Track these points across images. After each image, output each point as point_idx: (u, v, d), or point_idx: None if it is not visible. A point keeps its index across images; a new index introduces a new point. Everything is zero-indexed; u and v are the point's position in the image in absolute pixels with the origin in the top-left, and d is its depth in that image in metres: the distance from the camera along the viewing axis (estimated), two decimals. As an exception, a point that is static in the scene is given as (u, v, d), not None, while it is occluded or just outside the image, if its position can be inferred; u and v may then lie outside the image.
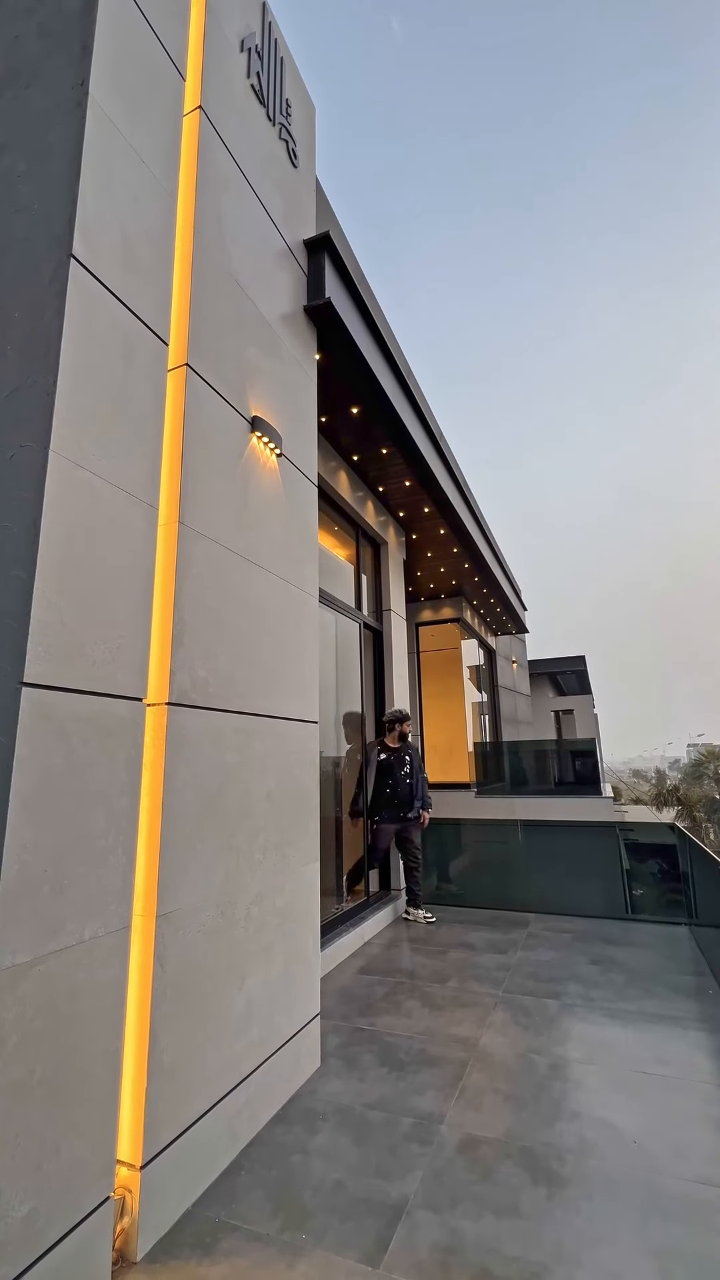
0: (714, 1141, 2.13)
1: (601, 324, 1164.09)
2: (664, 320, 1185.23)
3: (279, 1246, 1.70)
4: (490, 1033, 2.99)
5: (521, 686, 14.41)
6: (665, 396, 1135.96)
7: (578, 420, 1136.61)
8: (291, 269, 3.35)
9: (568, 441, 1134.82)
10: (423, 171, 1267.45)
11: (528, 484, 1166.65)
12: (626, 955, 4.16)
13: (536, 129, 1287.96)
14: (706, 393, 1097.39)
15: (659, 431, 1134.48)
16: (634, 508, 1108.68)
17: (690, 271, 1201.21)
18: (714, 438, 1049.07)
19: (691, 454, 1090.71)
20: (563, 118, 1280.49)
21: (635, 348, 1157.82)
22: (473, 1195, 1.88)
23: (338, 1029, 3.07)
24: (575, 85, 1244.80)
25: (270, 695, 2.62)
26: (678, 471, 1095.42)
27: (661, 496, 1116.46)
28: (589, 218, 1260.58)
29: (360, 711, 5.48)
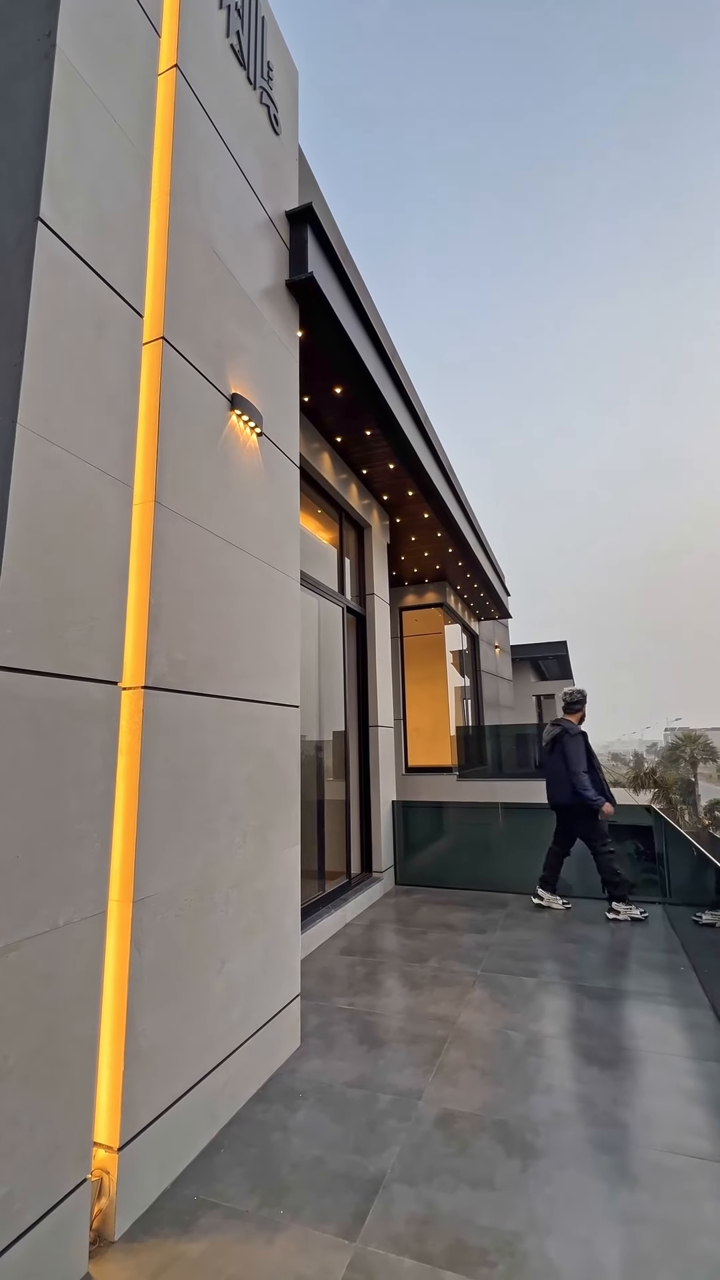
0: (683, 1112, 2.20)
1: (591, 314, 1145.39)
2: (653, 310, 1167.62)
3: (257, 1222, 1.72)
4: (468, 1010, 3.04)
5: (504, 671, 14.52)
6: (652, 385, 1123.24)
7: (567, 408, 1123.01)
8: (273, 241, 3.26)
9: (556, 429, 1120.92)
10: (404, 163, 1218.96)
11: (514, 469, 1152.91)
12: (602, 934, 4.25)
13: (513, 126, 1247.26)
14: (692, 383, 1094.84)
15: (644, 421, 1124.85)
16: (615, 498, 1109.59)
17: (683, 263, 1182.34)
18: (700, 429, 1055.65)
19: (676, 445, 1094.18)
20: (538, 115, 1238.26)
21: (625, 337, 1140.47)
22: (449, 1168, 1.92)
23: (319, 1009, 3.10)
24: (565, 79, 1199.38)
25: (250, 679, 2.59)
26: (660, 463, 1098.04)
27: (643, 488, 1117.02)
28: (581, 208, 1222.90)
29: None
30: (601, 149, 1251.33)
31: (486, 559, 9.76)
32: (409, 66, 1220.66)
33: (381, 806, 5.64)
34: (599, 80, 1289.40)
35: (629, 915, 4.52)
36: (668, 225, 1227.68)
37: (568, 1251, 1.61)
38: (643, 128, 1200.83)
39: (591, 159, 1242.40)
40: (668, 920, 4.54)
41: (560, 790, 4.85)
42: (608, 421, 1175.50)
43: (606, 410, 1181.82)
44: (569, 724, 4.97)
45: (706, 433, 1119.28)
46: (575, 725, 4.97)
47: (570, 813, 4.83)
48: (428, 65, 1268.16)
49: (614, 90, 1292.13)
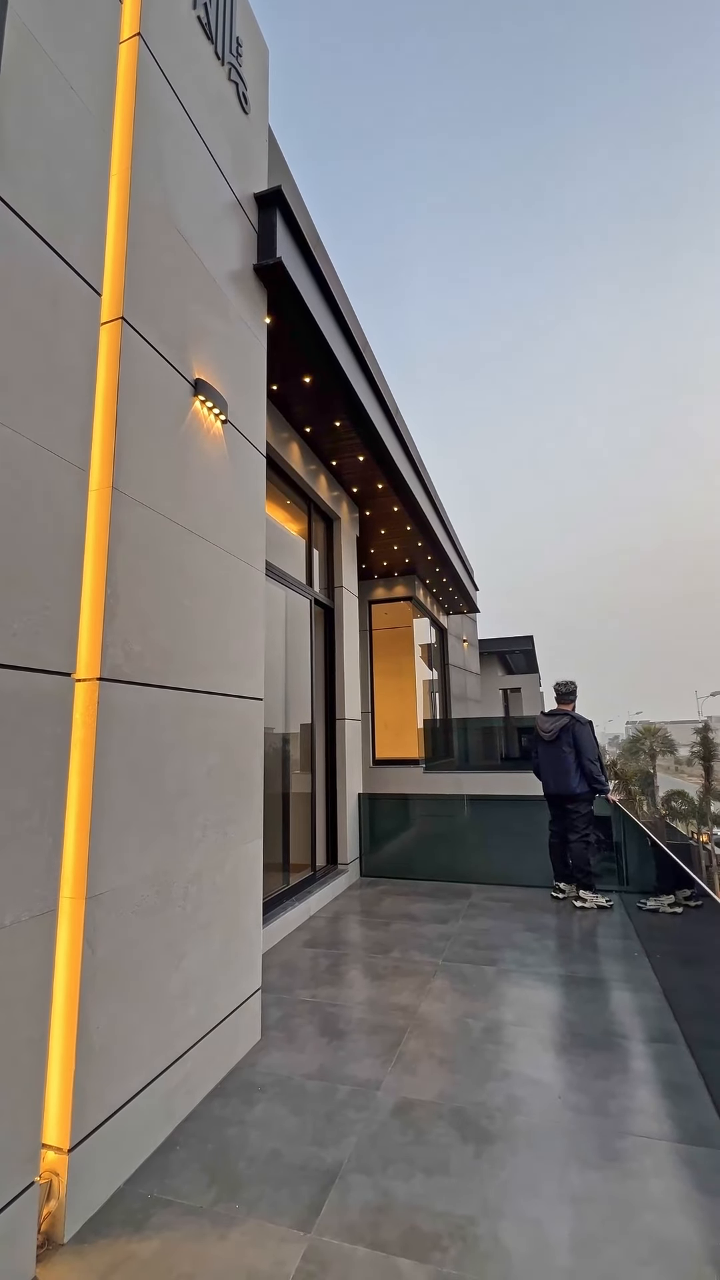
0: (631, 1093, 2.27)
1: (566, 313, 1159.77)
2: (631, 309, 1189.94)
3: (211, 1218, 1.71)
4: (429, 1000, 3.08)
5: (471, 665, 14.70)
6: (621, 385, 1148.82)
7: (538, 408, 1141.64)
8: (241, 224, 3.19)
9: (527, 426, 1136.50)
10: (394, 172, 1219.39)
11: (484, 465, 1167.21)
12: (561, 922, 4.35)
13: (452, 138, 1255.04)
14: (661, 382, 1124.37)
15: (613, 422, 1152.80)
16: (582, 496, 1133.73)
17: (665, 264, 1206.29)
18: (668, 430, 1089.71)
19: (645, 446, 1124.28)
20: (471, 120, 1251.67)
21: (604, 334, 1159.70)
22: (405, 1156, 1.94)
23: (280, 1001, 3.10)
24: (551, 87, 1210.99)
25: (212, 671, 2.55)
26: (629, 464, 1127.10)
27: (612, 486, 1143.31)
28: (560, 209, 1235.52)
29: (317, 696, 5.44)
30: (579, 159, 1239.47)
31: (456, 554, 9.83)
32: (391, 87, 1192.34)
33: (347, 799, 5.65)
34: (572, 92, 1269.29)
35: (595, 903, 4.63)
36: (646, 229, 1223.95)
37: (519, 1233, 1.64)
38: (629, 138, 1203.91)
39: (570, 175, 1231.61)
40: (624, 907, 4.68)
41: (567, 780, 4.75)
42: (574, 425, 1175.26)
43: (572, 413, 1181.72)
44: (578, 714, 4.94)
45: (672, 435, 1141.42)
46: (583, 715, 4.97)
47: (572, 801, 4.78)
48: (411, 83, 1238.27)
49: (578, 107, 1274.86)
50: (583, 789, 4.73)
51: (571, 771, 4.76)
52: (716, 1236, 1.62)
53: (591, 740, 4.81)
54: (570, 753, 4.78)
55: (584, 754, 4.75)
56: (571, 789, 4.76)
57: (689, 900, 2.90)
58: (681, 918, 3.10)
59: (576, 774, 4.75)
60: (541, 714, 5.18)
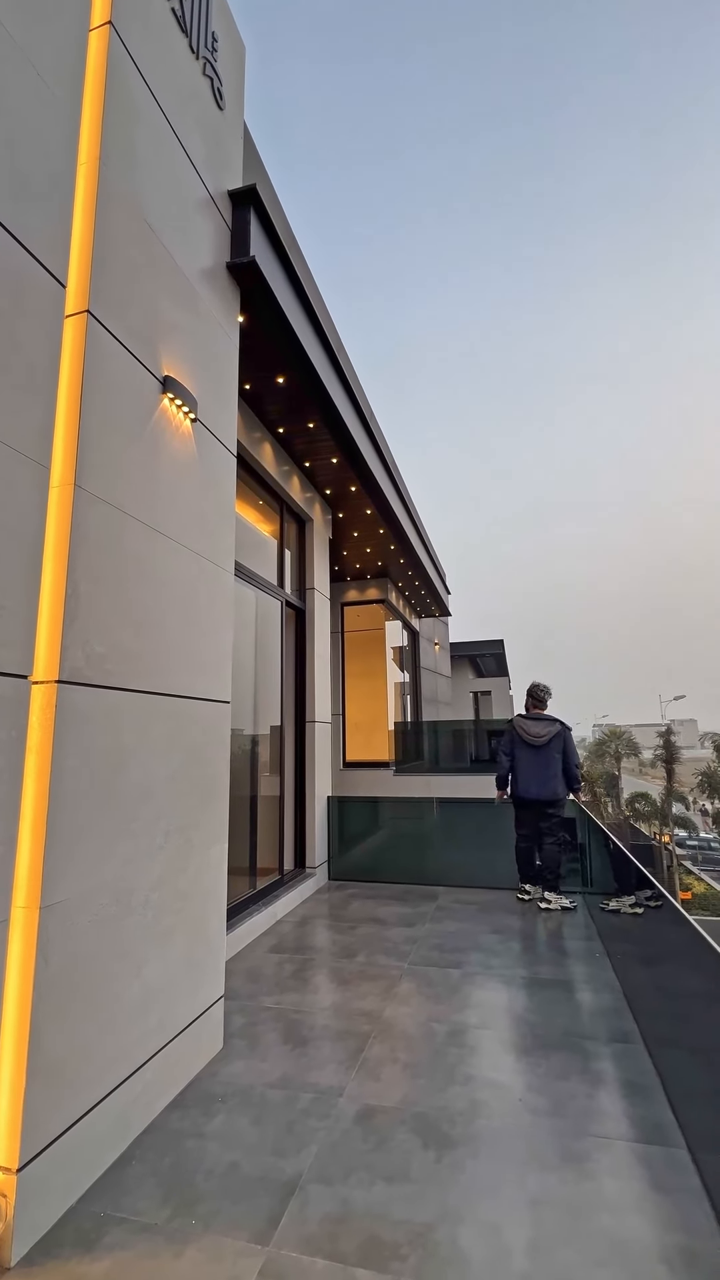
0: (589, 1093, 2.30)
1: (541, 315, 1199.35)
2: (601, 312, 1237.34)
3: (167, 1235, 1.67)
4: (394, 1004, 3.08)
5: (443, 668, 14.80)
6: (591, 390, 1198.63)
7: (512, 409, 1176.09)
8: (214, 221, 3.15)
9: (504, 428, 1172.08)
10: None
11: (456, 469, 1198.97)
12: (525, 924, 4.41)
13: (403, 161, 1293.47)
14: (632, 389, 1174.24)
15: (585, 427, 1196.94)
16: (553, 503, 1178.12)
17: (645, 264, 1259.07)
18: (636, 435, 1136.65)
19: (613, 453, 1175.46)
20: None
21: (570, 338, 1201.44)
22: (366, 1164, 1.93)
23: (244, 1009, 3.06)
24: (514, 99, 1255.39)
25: (177, 673, 2.50)
26: (598, 469, 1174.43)
27: (581, 493, 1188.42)
28: (515, 213, 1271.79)
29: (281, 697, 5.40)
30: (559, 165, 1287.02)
31: (428, 557, 9.89)
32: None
33: (316, 802, 5.62)
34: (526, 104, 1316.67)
35: (559, 905, 4.70)
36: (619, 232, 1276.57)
37: (477, 1238, 1.65)
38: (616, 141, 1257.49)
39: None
40: (587, 908, 4.76)
41: (554, 785, 4.85)
42: (541, 430, 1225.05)
43: (544, 415, 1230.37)
44: (561, 720, 5.05)
45: (638, 441, 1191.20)
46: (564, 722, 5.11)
47: (553, 805, 4.88)
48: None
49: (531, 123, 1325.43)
50: (564, 793, 4.87)
51: (559, 776, 4.88)
52: (669, 1234, 1.65)
53: (574, 747, 5.01)
54: (559, 758, 4.90)
55: (571, 759, 4.93)
56: (557, 793, 4.88)
57: (649, 901, 2.97)
58: (641, 919, 3.16)
59: (561, 778, 4.87)
60: (522, 717, 5.11)
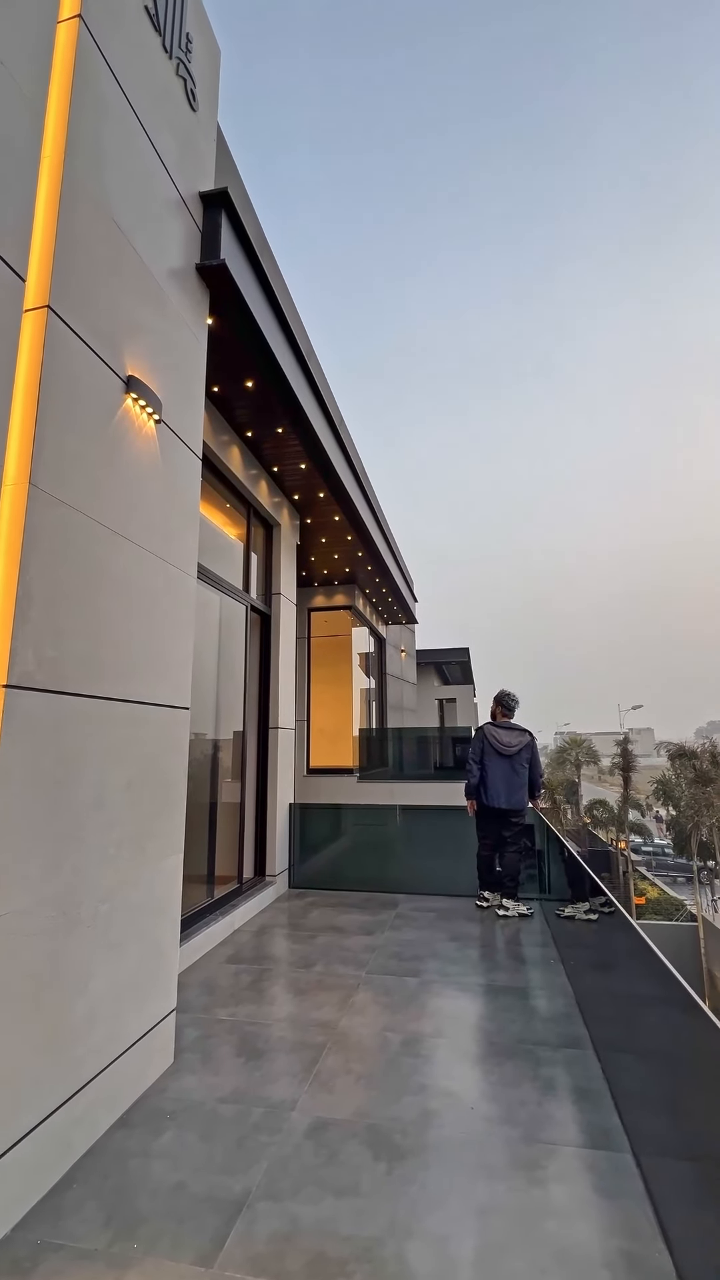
0: (539, 1100, 2.33)
1: (500, 323, 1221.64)
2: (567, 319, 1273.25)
3: (107, 1260, 1.62)
4: (350, 1014, 3.06)
5: (408, 675, 14.89)
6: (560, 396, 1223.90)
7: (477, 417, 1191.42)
8: (184, 222, 3.12)
9: (470, 439, 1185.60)
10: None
11: (426, 477, 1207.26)
12: (483, 931, 4.45)
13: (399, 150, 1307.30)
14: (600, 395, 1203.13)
15: (551, 435, 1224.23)
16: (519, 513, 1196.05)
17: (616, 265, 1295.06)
18: (603, 443, 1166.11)
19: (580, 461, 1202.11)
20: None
21: (531, 345, 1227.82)
22: (316, 1179, 1.91)
23: (197, 1021, 3.00)
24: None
25: (135, 679, 2.45)
26: (565, 479, 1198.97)
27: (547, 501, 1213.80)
28: (486, 219, 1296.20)
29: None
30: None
31: (396, 565, 9.95)
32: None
33: (278, 809, 5.57)
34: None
35: (517, 911, 4.76)
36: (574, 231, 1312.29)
37: (424, 1251, 1.64)
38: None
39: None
40: (544, 916, 4.83)
41: (521, 794, 4.93)
42: (510, 437, 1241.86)
43: (510, 424, 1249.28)
44: (529, 730, 5.11)
45: (605, 449, 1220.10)
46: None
47: (517, 815, 4.94)
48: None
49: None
50: (527, 802, 4.97)
51: (525, 786, 4.97)
52: (611, 1239, 1.68)
53: (539, 755, 5.13)
54: (526, 768, 4.98)
55: (537, 769, 5.06)
56: (523, 803, 4.97)
57: (603, 907, 3.03)
58: (594, 925, 3.23)
59: (526, 788, 4.97)
60: (492, 725, 5.12)
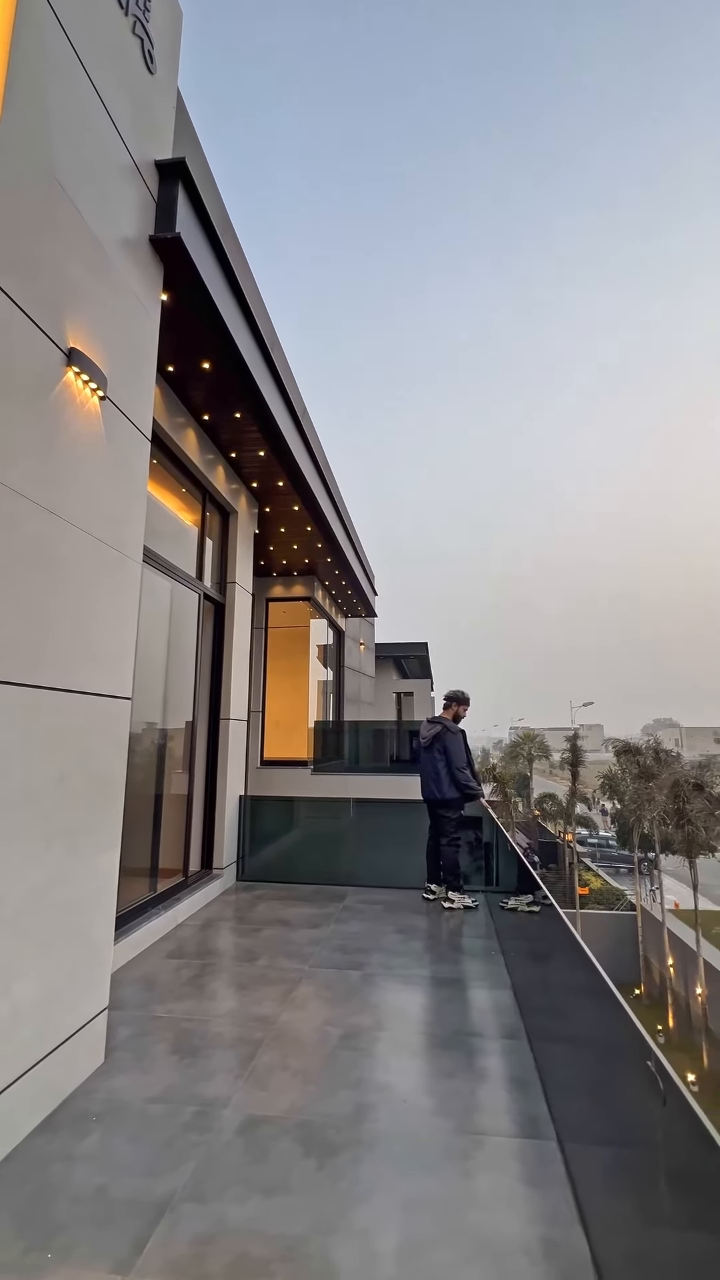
0: (471, 1091, 2.36)
1: (475, 319, 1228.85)
2: (540, 318, 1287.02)
3: (18, 1271, 1.55)
4: (290, 1009, 3.04)
5: (367, 668, 14.93)
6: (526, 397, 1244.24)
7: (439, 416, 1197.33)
8: (138, 190, 2.98)
9: (432, 435, 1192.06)
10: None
11: (391, 473, 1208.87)
12: (429, 923, 4.50)
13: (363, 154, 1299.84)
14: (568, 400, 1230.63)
15: (512, 437, 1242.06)
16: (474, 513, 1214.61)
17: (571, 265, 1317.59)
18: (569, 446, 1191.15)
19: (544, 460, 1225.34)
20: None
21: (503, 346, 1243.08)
22: (243, 1178, 1.88)
23: (132, 1019, 2.92)
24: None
25: (70, 667, 2.35)
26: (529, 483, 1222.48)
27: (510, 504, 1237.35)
28: (467, 212, 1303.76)
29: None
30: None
31: (357, 558, 9.93)
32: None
33: (227, 801, 5.49)
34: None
35: (462, 904, 4.82)
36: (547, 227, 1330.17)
37: (348, 1247, 1.64)
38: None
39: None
40: (489, 908, 4.92)
41: (438, 785, 4.92)
42: (478, 436, 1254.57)
43: (477, 426, 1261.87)
44: (448, 722, 5.09)
45: (572, 451, 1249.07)
46: (454, 723, 5.11)
47: (442, 806, 4.95)
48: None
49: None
50: (452, 794, 4.92)
51: (442, 778, 4.93)
52: (533, 1227, 1.72)
53: (460, 748, 4.98)
54: (441, 759, 4.95)
55: (451, 762, 4.93)
56: (441, 794, 4.94)
57: (545, 900, 3.09)
58: (536, 917, 3.30)
59: (447, 780, 4.92)
60: (426, 720, 5.30)
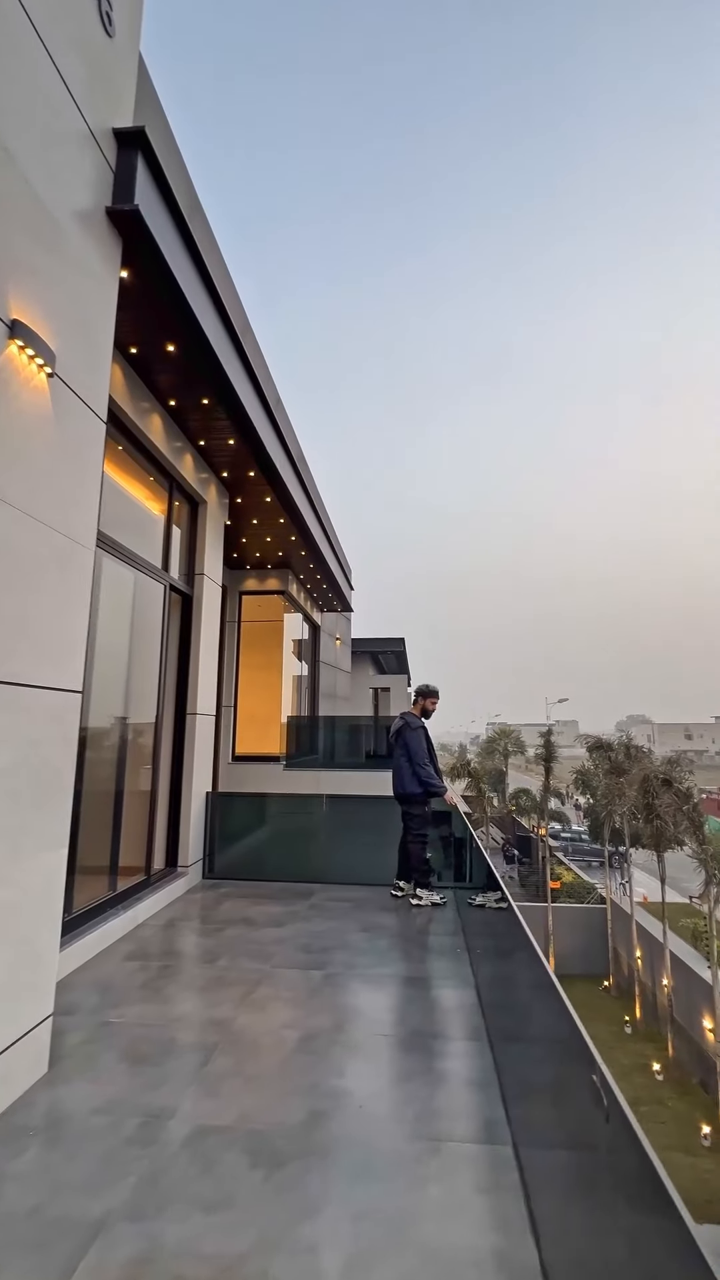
0: (429, 1095, 2.32)
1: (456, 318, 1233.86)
2: (519, 313, 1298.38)
3: (-66, 1304, 1.45)
4: (248, 1011, 2.96)
5: (343, 663, 14.86)
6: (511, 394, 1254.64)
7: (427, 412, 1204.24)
8: (94, 159, 2.84)
9: (416, 431, 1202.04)
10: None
11: (371, 467, 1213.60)
12: (395, 921, 4.45)
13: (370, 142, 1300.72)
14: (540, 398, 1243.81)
15: (503, 427, 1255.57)
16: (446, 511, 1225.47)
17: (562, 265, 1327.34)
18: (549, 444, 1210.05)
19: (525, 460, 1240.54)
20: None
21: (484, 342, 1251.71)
22: (186, 1194, 1.80)
23: (81, 1025, 2.81)
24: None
25: (12, 658, 2.22)
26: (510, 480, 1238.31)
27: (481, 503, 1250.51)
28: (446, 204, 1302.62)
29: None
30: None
31: (333, 553, 9.83)
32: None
33: (193, 798, 5.37)
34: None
35: (430, 901, 4.79)
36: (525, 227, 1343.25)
37: (291, 1265, 1.57)
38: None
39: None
40: (457, 904, 4.90)
41: (401, 781, 4.89)
42: (458, 434, 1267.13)
43: (456, 423, 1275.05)
44: (411, 717, 5.04)
45: (550, 451, 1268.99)
46: (417, 718, 5.05)
47: (406, 802, 4.91)
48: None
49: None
50: (415, 789, 4.87)
51: (405, 773, 4.90)
52: (484, 1237, 1.67)
53: (421, 745, 4.93)
54: (403, 755, 4.91)
55: (412, 758, 4.88)
56: (404, 790, 4.90)
57: (501, 903, 3.06)
58: (503, 914, 3.27)
59: (410, 776, 4.88)
60: (398, 715, 5.26)
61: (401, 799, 4.95)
